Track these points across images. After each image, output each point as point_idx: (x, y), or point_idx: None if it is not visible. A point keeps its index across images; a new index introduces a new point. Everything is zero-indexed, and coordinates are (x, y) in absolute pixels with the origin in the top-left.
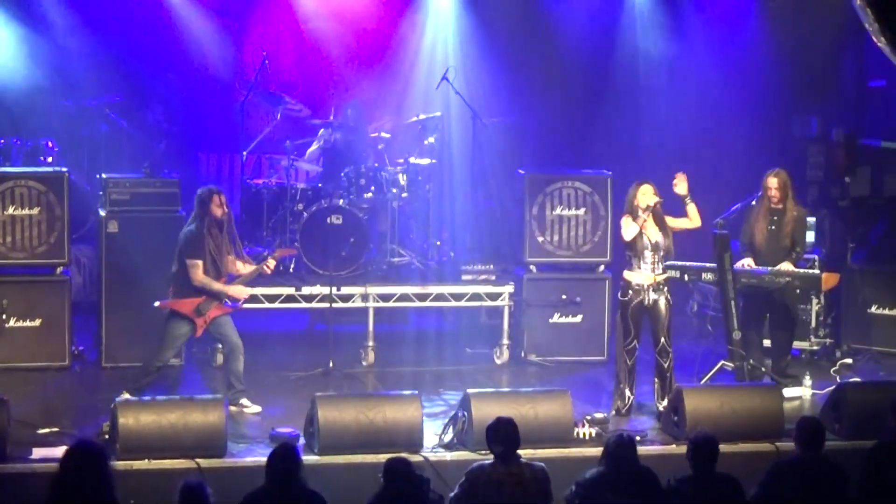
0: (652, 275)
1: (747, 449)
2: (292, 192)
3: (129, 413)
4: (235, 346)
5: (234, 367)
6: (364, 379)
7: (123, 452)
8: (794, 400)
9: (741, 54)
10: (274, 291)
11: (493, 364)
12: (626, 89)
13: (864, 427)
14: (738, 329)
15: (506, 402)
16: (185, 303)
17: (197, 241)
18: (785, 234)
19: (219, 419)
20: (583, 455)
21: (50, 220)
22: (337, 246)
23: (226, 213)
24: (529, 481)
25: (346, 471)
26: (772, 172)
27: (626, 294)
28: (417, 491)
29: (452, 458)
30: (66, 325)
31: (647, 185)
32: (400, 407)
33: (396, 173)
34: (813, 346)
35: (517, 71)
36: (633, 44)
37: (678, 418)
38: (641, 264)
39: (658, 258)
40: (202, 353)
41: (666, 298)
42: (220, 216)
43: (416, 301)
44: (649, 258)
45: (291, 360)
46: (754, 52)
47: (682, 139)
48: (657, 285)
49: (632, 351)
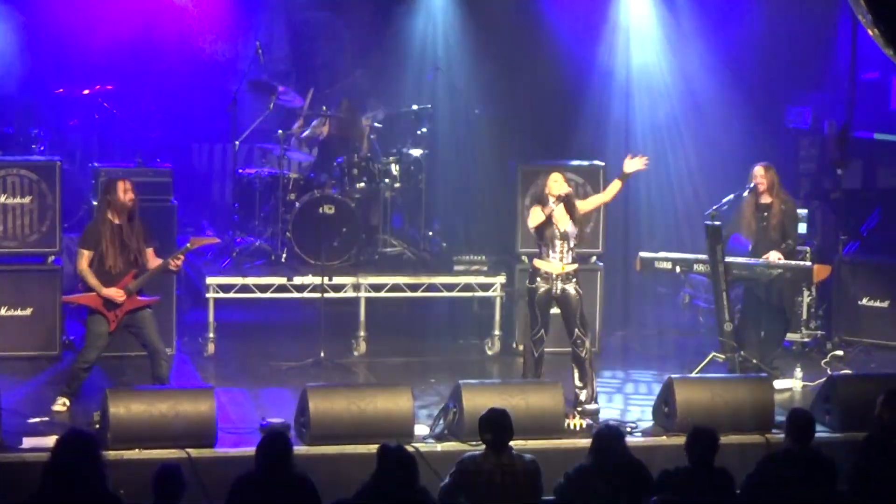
0: (560, 264)
1: (738, 441)
2: (284, 182)
3: (119, 402)
4: (156, 350)
5: (159, 374)
6: (355, 369)
7: (114, 442)
8: (785, 392)
9: (732, 44)
10: (265, 281)
11: (484, 355)
12: (616, 79)
13: (854, 419)
14: (729, 321)
15: (497, 393)
16: (89, 297)
17: (91, 231)
18: (773, 227)
19: (209, 409)
20: (574, 446)
21: (42, 209)
22: (329, 236)
23: (133, 199)
24: (520, 473)
25: (337, 461)
26: (759, 163)
27: (533, 282)
28: (410, 477)
29: (443, 449)
30: (56, 315)
31: (556, 174)
32: (391, 397)
33: (389, 163)
34: (804, 339)
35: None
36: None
37: (669, 409)
38: (550, 253)
39: (567, 247)
40: (193, 344)
41: (575, 288)
42: (127, 203)
43: (408, 291)
44: (558, 247)
45: (282, 351)
46: (746, 42)
47: (673, 130)
48: (566, 275)
49: (539, 341)
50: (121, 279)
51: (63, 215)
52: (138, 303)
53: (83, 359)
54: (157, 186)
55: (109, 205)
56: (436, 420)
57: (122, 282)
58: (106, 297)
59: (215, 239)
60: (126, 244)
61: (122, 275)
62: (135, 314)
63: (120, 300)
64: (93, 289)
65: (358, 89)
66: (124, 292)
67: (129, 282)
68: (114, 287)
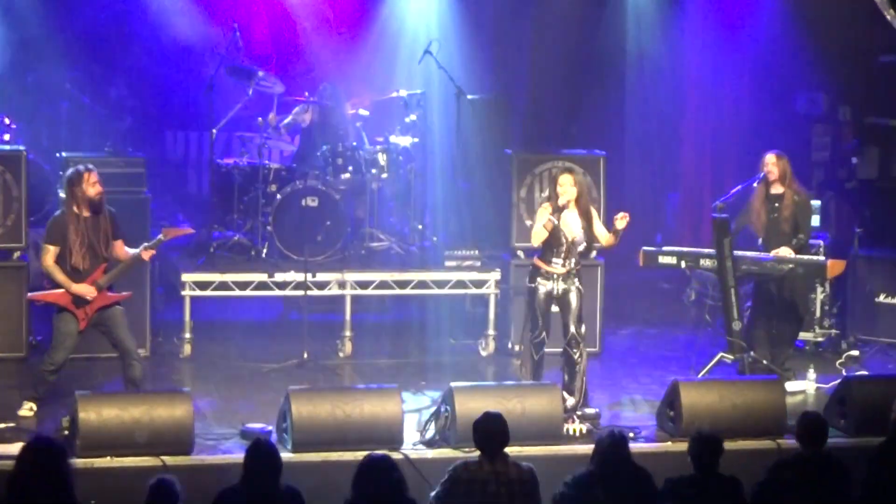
0: (563, 268)
1: (747, 446)
2: (265, 173)
3: (89, 407)
4: (128, 350)
5: (131, 376)
6: (340, 371)
7: (84, 450)
8: (798, 394)
9: (742, 26)
10: (245, 278)
11: (477, 356)
12: (618, 63)
13: (870, 423)
14: (738, 319)
15: (491, 397)
16: (57, 294)
17: (56, 225)
18: (784, 219)
19: (186, 414)
20: (573, 453)
21: (6, 201)
22: (312, 230)
23: (100, 192)
24: (516, 481)
25: (321, 469)
26: (770, 151)
27: (533, 280)
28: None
29: (434, 456)
30: (23, 314)
31: (565, 175)
32: (379, 401)
33: (376, 152)
34: (817, 338)
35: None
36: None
37: (674, 414)
38: (553, 259)
39: (573, 253)
40: (168, 344)
41: (577, 288)
42: (93, 196)
43: (397, 288)
44: (563, 252)
45: (263, 352)
46: (756, 24)
47: (677, 117)
48: (567, 274)
49: (539, 344)
50: (90, 275)
51: (29, 208)
52: (109, 299)
53: (51, 360)
54: (129, 177)
55: (74, 197)
56: (426, 425)
57: (92, 277)
58: (75, 293)
59: (190, 230)
60: (94, 238)
61: (91, 270)
62: (105, 312)
63: (91, 296)
64: (61, 285)
65: (343, 74)
66: (94, 288)
67: (99, 277)
68: (83, 283)
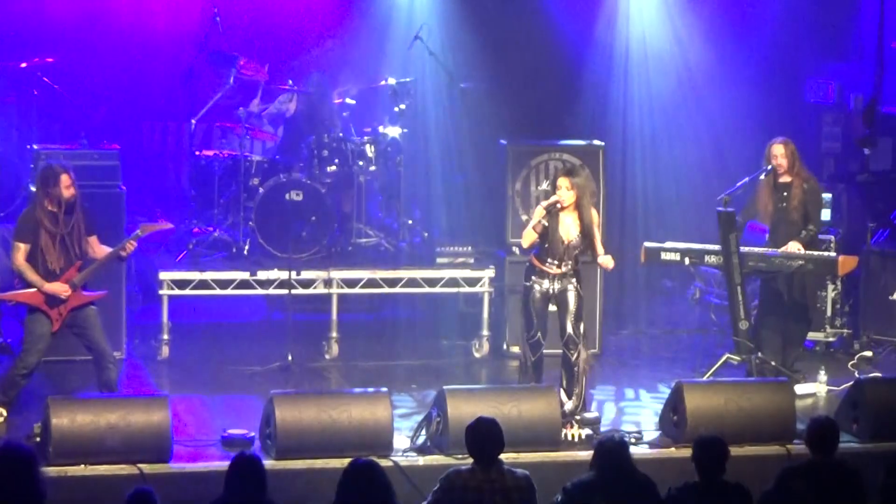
0: (558, 269)
1: (755, 452)
2: (246, 165)
3: (62, 412)
4: (103, 353)
5: (106, 380)
6: (327, 374)
7: (57, 457)
8: (808, 397)
9: (748, 12)
10: (226, 276)
11: (471, 358)
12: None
13: (884, 428)
14: (745, 318)
15: (485, 400)
16: (28, 294)
17: (27, 222)
18: (794, 208)
19: (163, 420)
20: (572, 459)
21: None
22: (296, 225)
23: (74, 194)
24: (512, 489)
25: (307, 477)
26: (776, 140)
27: (529, 279)
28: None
29: (425, 463)
30: None
31: (563, 178)
32: (367, 406)
33: (363, 144)
34: (829, 338)
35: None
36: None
37: (678, 418)
38: (548, 255)
39: (569, 254)
40: (145, 346)
41: (576, 287)
42: (68, 198)
43: (386, 287)
44: (559, 253)
45: (246, 354)
46: (763, 9)
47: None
48: (564, 275)
49: (535, 345)
50: (63, 273)
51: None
52: (84, 298)
53: (22, 364)
54: (104, 170)
55: (48, 195)
56: (417, 431)
57: (65, 276)
58: (49, 293)
59: (168, 224)
60: (67, 235)
61: (64, 269)
62: (79, 312)
63: (65, 295)
64: (33, 284)
65: (329, 61)
66: (69, 286)
67: (74, 275)
68: (57, 282)
